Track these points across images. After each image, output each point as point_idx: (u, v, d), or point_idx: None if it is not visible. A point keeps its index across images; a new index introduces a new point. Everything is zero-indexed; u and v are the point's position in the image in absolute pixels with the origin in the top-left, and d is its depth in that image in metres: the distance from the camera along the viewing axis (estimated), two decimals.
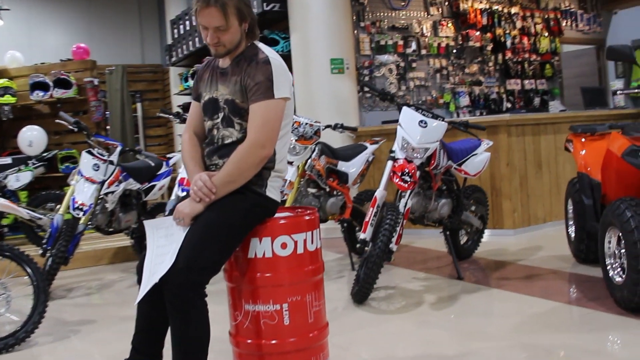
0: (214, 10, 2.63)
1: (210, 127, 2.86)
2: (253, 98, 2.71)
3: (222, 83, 2.81)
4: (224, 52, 2.76)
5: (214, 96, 2.84)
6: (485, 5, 8.92)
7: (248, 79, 2.72)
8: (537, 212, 7.02)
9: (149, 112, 12.98)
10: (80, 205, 5.26)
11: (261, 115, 2.70)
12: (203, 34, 2.75)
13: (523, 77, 9.37)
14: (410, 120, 4.64)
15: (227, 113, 2.79)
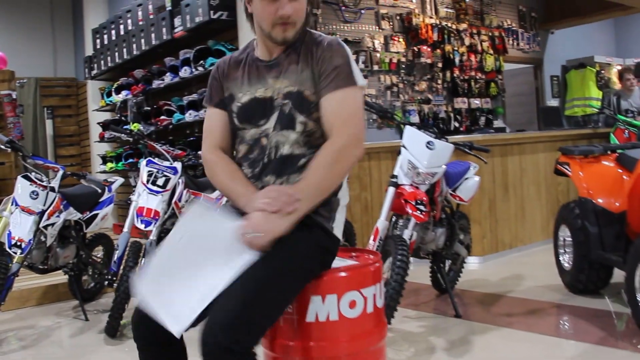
0: None
1: (254, 138, 2.23)
2: (332, 85, 2.15)
3: (275, 76, 2.22)
4: (293, 35, 2.18)
5: (262, 94, 2.22)
6: (436, 20, 8.59)
7: (323, 63, 2.17)
8: (504, 238, 6.67)
9: (60, 130, 11.97)
10: (18, 242, 4.42)
11: (348, 104, 2.15)
12: (265, 9, 2.14)
13: (469, 95, 9.09)
14: (416, 141, 4.15)
15: (289, 111, 2.18)
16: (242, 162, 2.28)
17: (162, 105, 7.96)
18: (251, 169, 2.23)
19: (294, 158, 2.17)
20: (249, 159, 2.25)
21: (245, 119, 2.26)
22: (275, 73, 2.22)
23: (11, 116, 7.40)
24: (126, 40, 8.77)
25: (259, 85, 2.24)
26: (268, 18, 2.14)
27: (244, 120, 2.26)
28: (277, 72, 2.22)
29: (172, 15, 7.68)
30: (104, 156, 9.75)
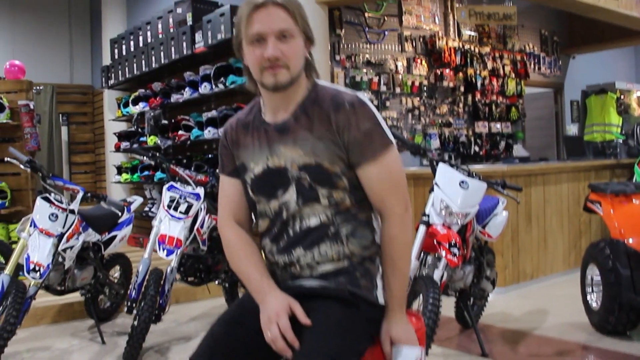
0: (276, 9, 1.93)
1: (274, 212, 2.06)
2: (369, 154, 1.96)
3: (287, 143, 2.01)
4: (286, 79, 1.94)
5: (274, 165, 2.03)
6: (459, 44, 8.50)
7: (350, 131, 1.95)
8: (525, 268, 6.56)
9: (75, 137, 11.91)
10: (37, 266, 4.32)
11: (391, 170, 2.00)
12: (252, 55, 1.95)
13: (490, 119, 8.99)
14: (450, 180, 4.04)
15: (309, 184, 1.99)
16: (264, 237, 2.13)
17: (180, 120, 7.87)
18: (275, 244, 2.08)
19: (323, 228, 2.01)
20: (271, 234, 2.09)
21: (261, 191, 2.09)
22: (286, 139, 2.02)
23: (28, 126, 7.29)
24: (145, 53, 8.70)
25: (270, 153, 2.05)
26: (256, 63, 1.95)
27: (259, 193, 2.10)
28: (288, 138, 2.02)
29: (193, 30, 7.59)
30: (120, 167, 9.67)
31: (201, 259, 5.01)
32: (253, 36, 1.93)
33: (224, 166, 2.19)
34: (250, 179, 2.10)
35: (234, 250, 2.15)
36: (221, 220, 2.21)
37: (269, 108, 2.07)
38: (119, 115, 9.79)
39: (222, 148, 2.19)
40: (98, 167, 11.92)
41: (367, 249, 2.04)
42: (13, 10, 11.25)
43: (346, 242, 2.01)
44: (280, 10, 1.92)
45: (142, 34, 8.94)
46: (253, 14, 1.92)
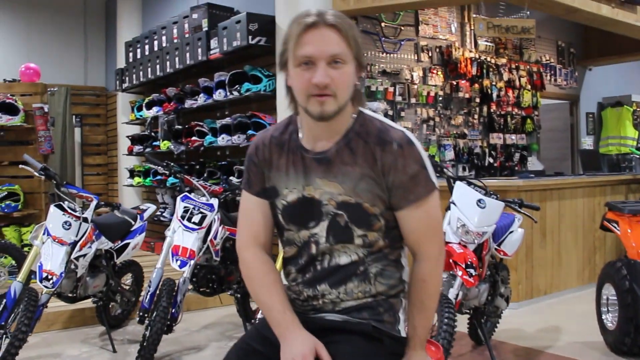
0: (328, 31, 1.78)
1: (303, 241, 1.96)
2: (412, 197, 1.89)
3: (325, 177, 1.89)
4: (333, 109, 1.81)
5: (310, 194, 1.92)
6: (475, 54, 8.44)
7: (396, 173, 1.86)
8: (539, 284, 6.50)
9: (88, 139, 11.93)
10: (50, 275, 4.30)
11: (431, 214, 1.94)
12: (299, 78, 1.81)
13: (505, 131, 8.93)
14: (467, 198, 4.00)
15: (345, 223, 1.89)
16: (289, 264, 2.05)
17: (194, 125, 7.86)
18: (301, 274, 2.00)
19: (352, 266, 1.94)
20: (297, 263, 2.00)
21: (292, 220, 1.97)
22: (325, 172, 1.90)
23: (42, 130, 7.28)
24: (159, 57, 8.69)
25: (306, 182, 1.92)
26: (303, 88, 1.80)
27: (290, 221, 1.97)
28: (327, 171, 1.89)
29: (209, 36, 7.58)
30: (132, 170, 9.68)
31: (214, 270, 4.99)
32: (302, 58, 1.79)
33: (251, 184, 2.03)
34: (282, 205, 1.97)
35: (256, 277, 2.02)
36: (242, 242, 2.06)
37: (309, 134, 1.93)
38: (133, 118, 9.80)
39: (251, 164, 2.03)
40: (110, 170, 11.93)
41: (393, 287, 1.98)
42: (29, 11, 11.28)
43: (374, 281, 1.94)
44: (333, 32, 1.78)
45: (157, 38, 8.94)
46: (304, 34, 1.78)
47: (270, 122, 6.80)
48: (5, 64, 10.60)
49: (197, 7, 8.00)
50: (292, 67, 1.83)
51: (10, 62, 10.57)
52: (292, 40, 1.81)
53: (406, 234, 1.95)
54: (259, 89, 6.85)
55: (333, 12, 1.82)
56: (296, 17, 1.82)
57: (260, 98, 7.04)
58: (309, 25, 1.78)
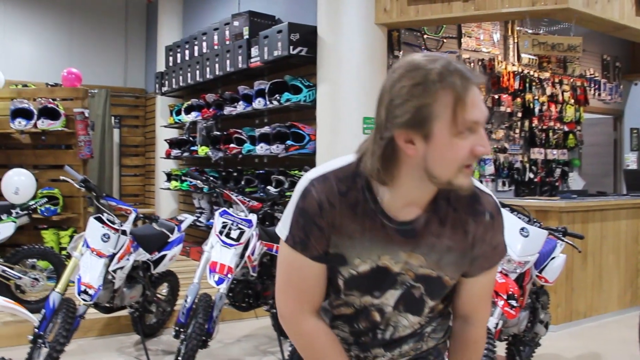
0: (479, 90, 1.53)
1: (363, 306, 1.76)
2: (486, 266, 1.77)
3: (408, 250, 1.66)
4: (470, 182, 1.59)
5: (384, 264, 1.68)
6: (518, 68, 8.31)
7: (483, 245, 1.71)
8: (579, 307, 6.37)
9: (126, 140, 12.03)
10: (88, 288, 4.32)
11: (492, 281, 1.85)
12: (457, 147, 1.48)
13: (547, 146, 8.78)
14: (510, 227, 3.91)
15: (420, 295, 1.74)
16: (339, 319, 1.83)
17: (233, 132, 7.86)
18: (354, 337, 1.82)
19: (411, 335, 1.82)
20: (352, 325, 1.81)
21: (357, 288, 1.74)
22: (409, 245, 1.66)
23: (82, 134, 7.32)
24: (200, 63, 8.71)
25: (384, 253, 1.67)
26: (461, 159, 1.49)
27: (354, 288, 1.74)
28: (412, 243, 1.66)
29: (249, 44, 7.57)
30: (169, 174, 9.72)
31: (250, 285, 4.96)
32: (469, 123, 1.47)
33: (308, 247, 1.67)
34: (349, 274, 1.71)
35: (317, 352, 1.77)
36: (296, 311, 1.75)
37: (398, 198, 1.63)
38: (171, 122, 9.85)
39: (313, 226, 1.65)
40: (147, 171, 12.01)
41: (442, 338, 1.90)
42: (71, 16, 11.40)
43: (427, 339, 1.85)
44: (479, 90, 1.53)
45: (198, 44, 8.96)
46: (470, 94, 1.46)
47: (309, 133, 6.76)
48: (48, 68, 10.75)
49: (238, 14, 7.99)
50: (446, 133, 1.47)
51: (53, 65, 10.72)
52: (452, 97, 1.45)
53: (465, 299, 1.83)
54: (299, 99, 6.82)
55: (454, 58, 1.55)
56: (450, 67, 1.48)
57: (299, 108, 7.01)
58: (473, 83, 1.48)
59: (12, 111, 7.16)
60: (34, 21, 11.14)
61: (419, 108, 1.46)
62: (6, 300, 3.42)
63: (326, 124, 6.58)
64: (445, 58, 1.51)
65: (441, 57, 1.51)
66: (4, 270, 5.64)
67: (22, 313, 3.42)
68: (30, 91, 7.86)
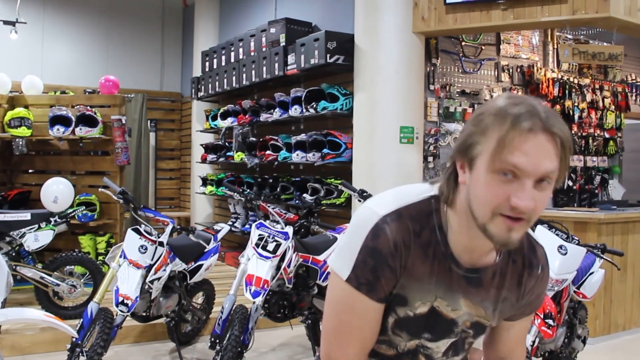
0: (547, 141, 1.38)
1: (409, 350, 1.69)
2: (528, 311, 1.79)
3: (470, 299, 1.63)
4: (519, 237, 1.46)
5: (444, 311, 1.63)
6: (558, 74, 8.19)
7: (530, 296, 1.73)
8: (617, 319, 6.26)
9: (162, 143, 12.13)
10: (125, 300, 4.35)
11: (528, 324, 1.86)
12: (492, 187, 1.41)
13: (586, 153, 8.64)
14: (548, 244, 3.83)
15: (469, 337, 1.72)
16: (378, 357, 1.73)
17: (269, 139, 7.87)
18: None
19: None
20: None
21: (407, 330, 1.65)
22: (472, 294, 1.62)
23: (120, 141, 7.40)
24: (236, 69, 8.74)
25: (444, 296, 1.61)
26: (494, 202, 1.41)
27: (404, 330, 1.65)
28: (475, 293, 1.62)
29: (286, 51, 7.57)
30: (205, 178, 9.78)
31: (286, 296, 4.96)
32: (508, 166, 1.38)
33: (377, 289, 1.56)
34: (404, 315, 1.62)
35: None
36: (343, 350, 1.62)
37: (459, 243, 1.58)
38: (207, 127, 9.90)
39: (386, 267, 1.55)
40: (183, 175, 12.10)
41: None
42: (109, 19, 11.54)
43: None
44: (552, 144, 1.38)
45: (234, 50, 8.99)
46: (519, 137, 1.37)
47: (346, 142, 6.74)
48: (87, 73, 10.91)
49: (275, 21, 8.00)
50: (483, 168, 1.42)
51: (91, 71, 10.88)
52: (496, 136, 1.39)
53: (504, 342, 1.83)
54: (335, 108, 6.80)
55: (550, 111, 1.41)
56: (506, 110, 1.40)
57: (336, 116, 6.99)
58: (528, 128, 1.37)
59: (51, 118, 7.27)
60: (73, 27, 11.30)
61: (469, 135, 1.45)
62: (47, 314, 3.46)
63: (363, 133, 6.55)
64: (521, 99, 1.43)
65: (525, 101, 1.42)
66: (42, 277, 5.72)
67: (62, 327, 3.45)
68: (68, 98, 7.97)
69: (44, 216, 5.85)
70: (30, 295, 6.05)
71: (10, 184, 7.74)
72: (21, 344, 5.32)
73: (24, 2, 9.56)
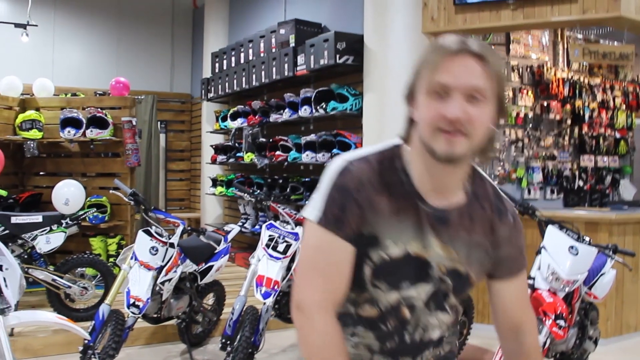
0: (473, 62, 1.53)
1: (391, 305, 1.69)
2: (516, 269, 1.81)
3: (441, 239, 1.66)
4: (462, 151, 1.55)
5: (415, 253, 1.65)
6: (568, 74, 8.16)
7: (509, 247, 1.75)
8: (629, 320, 6.24)
9: (172, 144, 12.17)
10: (136, 302, 4.38)
11: (526, 284, 1.90)
12: (428, 108, 1.55)
13: (597, 153, 8.61)
14: (558, 245, 3.86)
15: (448, 290, 1.71)
16: (362, 325, 1.73)
17: (278, 140, 7.88)
18: (380, 342, 1.72)
19: (439, 342, 1.77)
20: (378, 328, 1.71)
21: (386, 278, 1.66)
22: (442, 233, 1.66)
23: (130, 142, 7.42)
24: (246, 70, 8.76)
25: (415, 237, 1.65)
26: (431, 120, 1.54)
27: (382, 279, 1.66)
28: (445, 233, 1.66)
29: (296, 52, 7.58)
30: (215, 179, 9.80)
31: None
32: (436, 86, 1.53)
33: (344, 225, 1.61)
34: (379, 259, 1.64)
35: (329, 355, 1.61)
36: (315, 302, 1.62)
37: (422, 180, 1.65)
38: (217, 128, 9.93)
39: (351, 202, 1.61)
40: (193, 176, 12.13)
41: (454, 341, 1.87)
42: (119, 20, 11.60)
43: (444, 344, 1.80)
44: (477, 64, 1.53)
45: (244, 51, 9.01)
46: (444, 61, 1.53)
47: (355, 142, 6.74)
48: (97, 74, 10.97)
49: (284, 22, 8.01)
50: (421, 94, 1.57)
51: (102, 72, 10.93)
52: (429, 65, 1.55)
53: (507, 306, 1.82)
54: (345, 108, 6.81)
55: (478, 41, 1.57)
56: (436, 42, 1.59)
57: (346, 117, 6.99)
58: (452, 52, 1.53)
59: (62, 120, 7.30)
60: (83, 29, 11.36)
61: (412, 74, 1.62)
62: (59, 317, 3.50)
63: (373, 133, 6.55)
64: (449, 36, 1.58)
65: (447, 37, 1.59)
66: (54, 280, 5.75)
67: (74, 329, 3.49)
68: (79, 100, 8.00)
69: (56, 218, 5.88)
70: (42, 298, 6.08)
71: (21, 187, 7.77)
72: (34, 346, 5.35)
73: (34, 4, 9.59)
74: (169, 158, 12.14)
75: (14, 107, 7.61)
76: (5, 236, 5.56)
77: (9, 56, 10.29)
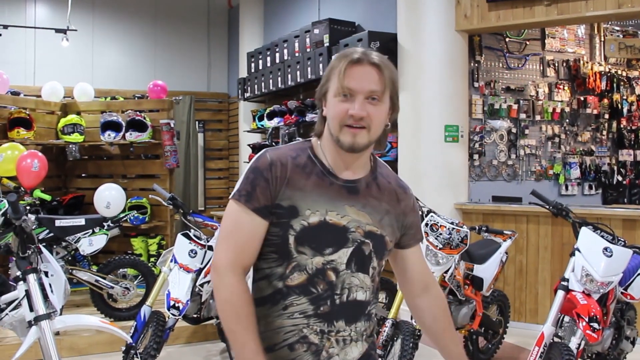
0: (371, 69, 1.90)
1: (317, 269, 1.90)
2: (419, 237, 2.18)
3: (354, 205, 1.95)
4: (364, 142, 1.91)
5: (334, 220, 1.91)
6: (605, 68, 8.07)
7: (411, 216, 2.12)
8: None
9: (210, 144, 12.32)
10: (176, 304, 4.49)
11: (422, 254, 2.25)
12: (336, 107, 1.89)
13: (636, 147, 8.50)
14: (593, 246, 3.84)
15: (369, 252, 1.95)
16: (293, 292, 1.90)
17: None
18: (314, 305, 1.89)
19: (365, 304, 1.97)
20: (309, 292, 1.89)
21: (308, 244, 1.89)
22: (354, 201, 1.95)
23: (169, 144, 7.56)
24: (281, 70, 8.83)
25: (332, 207, 1.92)
26: (339, 117, 1.89)
27: (306, 244, 1.89)
28: (356, 200, 1.96)
29: (330, 52, 7.63)
30: None
31: None
32: (343, 89, 1.88)
33: (252, 198, 1.90)
34: (300, 227, 1.89)
35: (235, 306, 1.85)
36: (225, 262, 1.89)
37: (333, 163, 1.98)
38: (254, 127, 10.01)
39: (260, 178, 1.91)
40: (231, 174, 12.26)
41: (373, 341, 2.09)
42: (155, 22, 11.77)
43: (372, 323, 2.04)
44: (375, 72, 1.89)
45: (279, 51, 9.08)
46: (349, 68, 1.88)
47: (390, 141, 6.77)
48: (135, 75, 11.17)
49: (318, 22, 8.06)
50: (330, 97, 1.93)
51: (140, 74, 11.14)
52: (336, 72, 1.90)
53: (414, 268, 2.17)
54: None
55: (377, 53, 1.94)
56: (342, 53, 1.94)
57: None
58: (354, 61, 1.89)
59: (102, 124, 7.45)
60: (121, 32, 11.56)
61: (323, 79, 1.97)
62: (102, 321, 3.61)
63: (407, 131, 6.58)
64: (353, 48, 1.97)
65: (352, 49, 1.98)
66: (97, 280, 5.91)
67: (116, 332, 3.60)
68: (118, 104, 8.16)
69: (98, 221, 6.03)
70: (86, 297, 6.25)
71: (64, 189, 7.97)
72: (79, 345, 5.51)
73: (74, 9, 9.79)
74: (207, 157, 12.29)
75: (56, 111, 7.80)
76: (50, 239, 5.74)
77: (51, 61, 10.55)
